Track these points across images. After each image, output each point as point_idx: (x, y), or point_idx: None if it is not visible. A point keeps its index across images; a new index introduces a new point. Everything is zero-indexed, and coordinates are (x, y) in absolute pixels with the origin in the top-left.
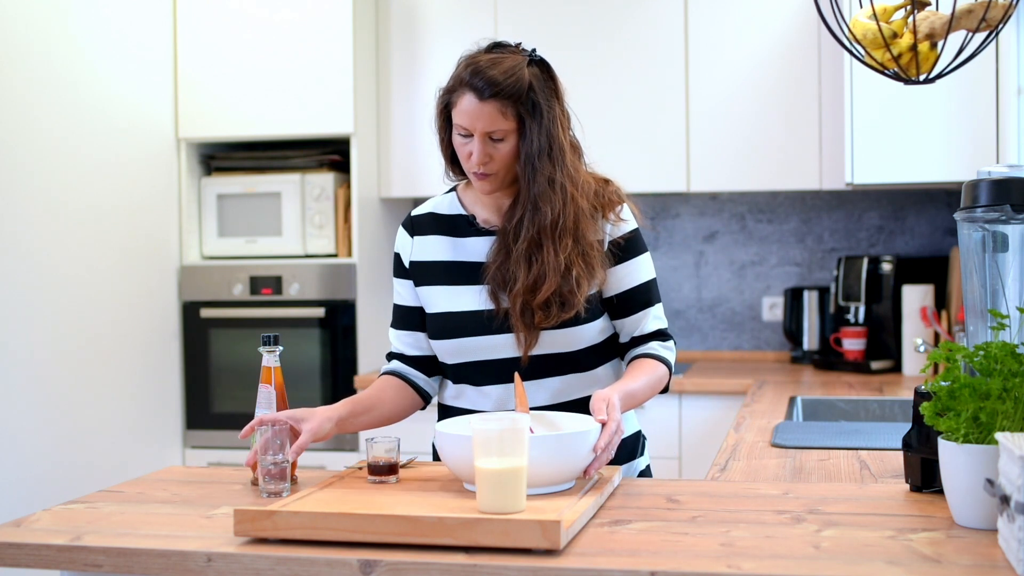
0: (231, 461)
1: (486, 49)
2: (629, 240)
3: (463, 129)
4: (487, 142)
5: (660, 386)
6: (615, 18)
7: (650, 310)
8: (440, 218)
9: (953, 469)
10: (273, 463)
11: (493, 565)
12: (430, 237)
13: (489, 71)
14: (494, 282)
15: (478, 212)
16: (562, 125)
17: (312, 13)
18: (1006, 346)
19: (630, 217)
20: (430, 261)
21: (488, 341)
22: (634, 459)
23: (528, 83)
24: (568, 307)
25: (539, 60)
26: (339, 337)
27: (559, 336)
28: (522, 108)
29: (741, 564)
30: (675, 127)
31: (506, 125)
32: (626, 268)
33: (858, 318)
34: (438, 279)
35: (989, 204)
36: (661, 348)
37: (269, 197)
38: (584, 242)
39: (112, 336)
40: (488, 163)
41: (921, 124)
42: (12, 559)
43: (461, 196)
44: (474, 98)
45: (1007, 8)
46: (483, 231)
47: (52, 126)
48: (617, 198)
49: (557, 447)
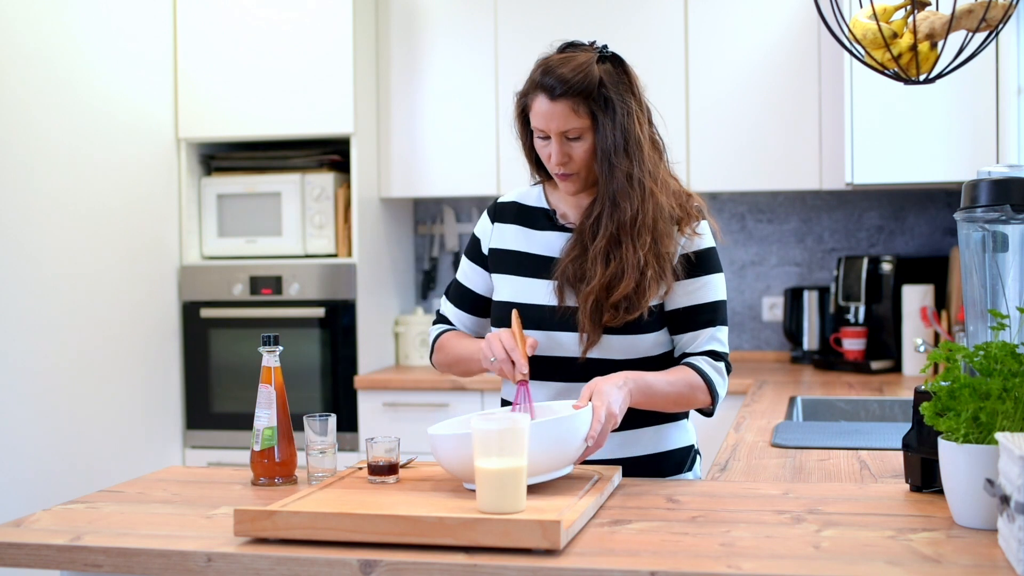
0: (231, 461)
1: (558, 49)
2: (702, 256)
3: (540, 131)
4: (564, 142)
5: (691, 394)
6: (615, 18)
7: (712, 330)
8: (523, 208)
9: (953, 469)
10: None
11: (493, 565)
12: (509, 226)
13: (559, 69)
14: (564, 277)
15: (559, 208)
16: (639, 120)
17: (312, 13)
18: (1006, 346)
19: (707, 233)
20: (507, 249)
21: (549, 336)
22: (681, 472)
23: (598, 79)
24: (634, 308)
25: (611, 55)
26: (339, 337)
27: (617, 342)
28: (594, 104)
29: (741, 564)
30: (675, 127)
31: (579, 123)
32: (696, 283)
33: (858, 318)
34: (510, 268)
35: (989, 204)
36: (707, 364)
37: (269, 197)
38: (661, 243)
39: (112, 336)
40: (568, 163)
41: (921, 124)
42: (12, 559)
43: (547, 190)
44: (545, 98)
45: (1007, 8)
46: (559, 227)
47: (52, 126)
48: (697, 213)
49: (538, 433)
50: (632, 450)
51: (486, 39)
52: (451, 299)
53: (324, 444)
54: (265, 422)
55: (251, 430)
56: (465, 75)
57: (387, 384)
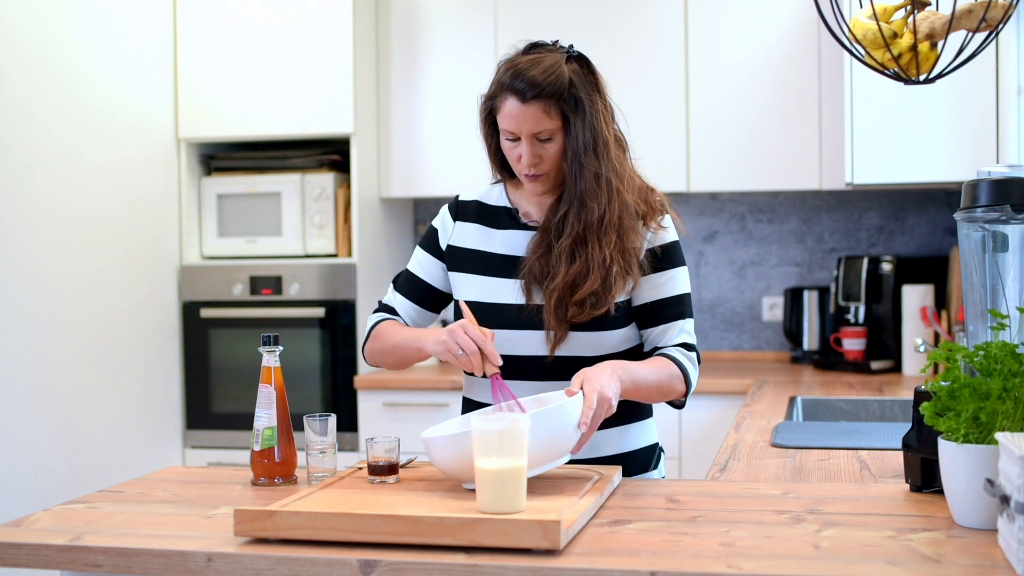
0: (231, 461)
1: (524, 50)
2: (667, 250)
3: (509, 133)
4: (535, 143)
5: (671, 384)
6: (615, 18)
7: (680, 323)
8: (485, 208)
9: (953, 469)
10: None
11: (493, 565)
12: (471, 225)
13: (529, 72)
14: (530, 275)
15: (521, 206)
16: (605, 119)
17: (312, 13)
18: (1006, 346)
19: (671, 227)
20: (467, 248)
21: (516, 335)
22: (647, 472)
23: (568, 79)
24: (600, 304)
25: (577, 55)
26: (339, 337)
27: (585, 338)
28: (565, 106)
29: (741, 564)
30: (675, 127)
31: (551, 124)
32: (662, 277)
33: (858, 318)
34: (472, 267)
35: (989, 204)
36: (681, 355)
37: (269, 197)
38: (626, 239)
39: (112, 336)
40: (538, 163)
41: (921, 124)
42: (12, 559)
43: (508, 189)
44: (517, 101)
45: (1007, 8)
46: (522, 225)
47: (52, 126)
48: (660, 207)
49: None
50: (598, 451)
51: (486, 39)
52: (399, 289)
53: (324, 444)
54: (265, 422)
55: (251, 430)
56: (465, 75)
57: (387, 384)
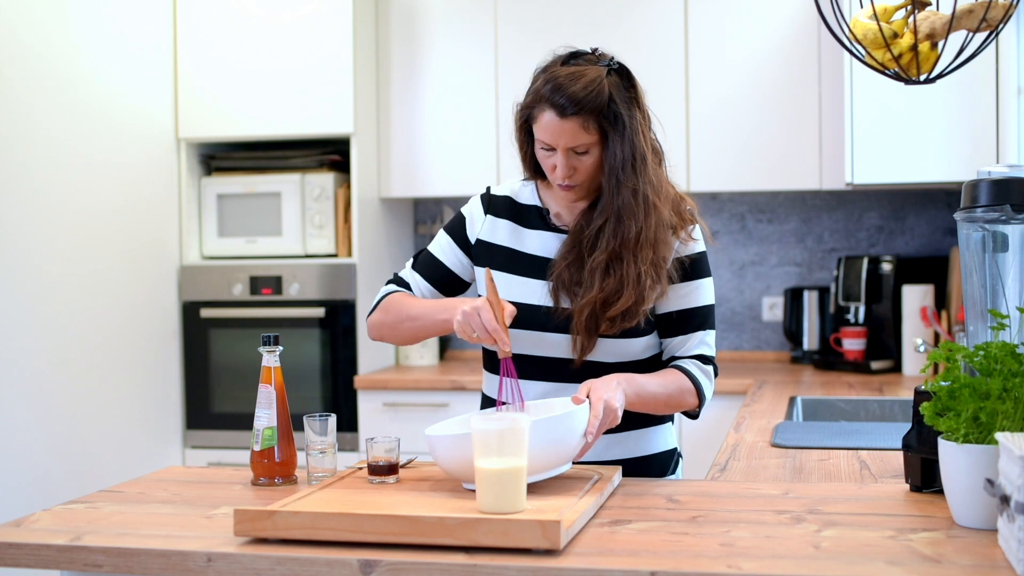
0: (231, 461)
1: (563, 60)
2: (695, 261)
3: (545, 144)
4: (571, 156)
5: (680, 398)
6: (615, 18)
7: (700, 334)
8: (516, 205)
9: (953, 469)
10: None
11: (493, 565)
12: (502, 220)
13: (570, 87)
14: (559, 281)
15: (552, 207)
16: (643, 131)
17: (312, 13)
18: (1006, 346)
19: (700, 237)
20: (496, 244)
21: (543, 337)
22: (664, 476)
23: (608, 95)
24: (631, 318)
25: (618, 68)
26: (339, 337)
27: (611, 345)
28: (604, 121)
29: (741, 564)
30: (675, 127)
31: (589, 139)
32: (687, 287)
33: (858, 318)
34: (500, 264)
35: (989, 204)
36: (696, 368)
37: (269, 197)
38: (658, 251)
39: (112, 336)
40: (573, 175)
41: (921, 124)
42: (12, 559)
43: (540, 188)
44: (555, 115)
45: (1007, 8)
46: (552, 227)
47: (52, 126)
48: (691, 217)
49: (536, 431)
50: (616, 453)
51: (486, 39)
52: (418, 268)
53: (324, 444)
54: (265, 422)
55: (251, 430)
56: (465, 75)
57: (387, 384)
